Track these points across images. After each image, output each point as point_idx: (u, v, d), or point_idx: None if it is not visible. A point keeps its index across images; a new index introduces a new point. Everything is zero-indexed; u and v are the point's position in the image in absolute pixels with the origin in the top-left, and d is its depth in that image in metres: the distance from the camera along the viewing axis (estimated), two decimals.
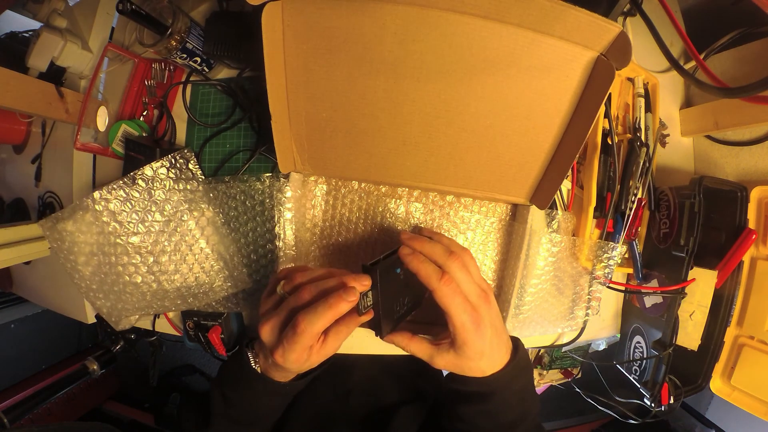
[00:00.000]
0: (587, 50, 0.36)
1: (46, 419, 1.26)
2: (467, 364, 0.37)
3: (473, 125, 0.42)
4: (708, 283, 0.49)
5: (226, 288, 0.52)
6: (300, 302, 0.35)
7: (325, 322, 0.33)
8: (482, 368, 0.37)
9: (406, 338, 0.39)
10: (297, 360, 0.34)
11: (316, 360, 0.36)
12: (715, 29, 0.55)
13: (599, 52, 0.36)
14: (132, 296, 0.50)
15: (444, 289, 0.34)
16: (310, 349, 0.35)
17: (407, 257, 0.36)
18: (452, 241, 0.39)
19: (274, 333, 0.35)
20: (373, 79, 0.40)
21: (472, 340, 0.35)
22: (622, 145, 0.53)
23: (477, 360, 0.36)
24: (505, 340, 0.39)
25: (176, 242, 0.50)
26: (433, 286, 0.34)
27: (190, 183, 0.50)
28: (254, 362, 0.40)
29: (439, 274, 0.35)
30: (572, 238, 0.52)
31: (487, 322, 0.36)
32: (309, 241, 0.51)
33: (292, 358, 0.34)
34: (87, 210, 0.47)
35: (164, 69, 0.58)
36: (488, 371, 0.37)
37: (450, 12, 0.34)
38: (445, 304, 0.34)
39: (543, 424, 0.44)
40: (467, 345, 0.35)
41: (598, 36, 0.35)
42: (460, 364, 0.37)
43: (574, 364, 0.74)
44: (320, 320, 0.33)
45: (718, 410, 1.00)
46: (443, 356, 0.38)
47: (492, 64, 0.37)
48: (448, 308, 0.34)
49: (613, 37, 0.34)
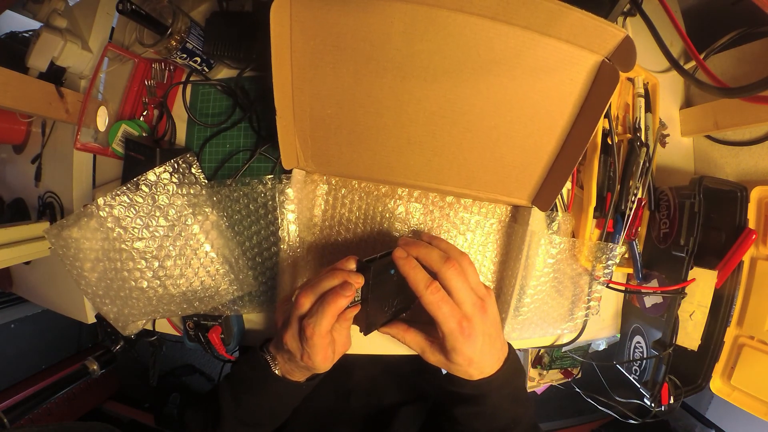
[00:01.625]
0: (592, 54, 0.36)
1: (46, 419, 1.26)
2: (454, 368, 0.37)
3: (478, 126, 0.42)
4: (708, 283, 0.49)
5: (232, 291, 0.52)
6: (302, 309, 0.36)
7: (329, 319, 0.34)
8: (470, 373, 0.37)
9: (401, 329, 0.40)
10: (324, 359, 0.36)
11: (339, 354, 0.39)
12: (715, 29, 0.54)
13: (604, 56, 0.36)
14: (138, 301, 0.50)
15: (429, 298, 0.34)
16: (331, 345, 0.37)
17: (399, 260, 0.36)
18: (451, 246, 0.39)
19: (295, 340, 0.37)
20: (379, 77, 0.40)
21: (460, 348, 0.35)
22: (622, 145, 0.53)
23: (465, 366, 0.36)
24: (498, 347, 0.39)
25: (181, 246, 0.50)
26: (420, 293, 0.34)
27: (194, 187, 0.50)
28: (274, 365, 0.41)
29: (427, 281, 0.34)
30: (572, 239, 0.52)
31: (478, 331, 0.35)
32: (310, 241, 0.52)
33: (318, 359, 0.36)
34: (91, 216, 0.47)
35: (164, 69, 0.58)
36: (476, 376, 0.37)
37: (458, 12, 0.34)
38: (432, 312, 0.34)
39: (540, 425, 0.44)
40: (456, 351, 0.35)
41: (603, 40, 0.35)
42: (449, 366, 0.38)
43: (574, 364, 0.74)
44: (323, 320, 0.34)
45: (718, 410, 0.99)
46: (434, 354, 0.38)
47: (498, 65, 0.38)
48: (435, 316, 0.34)
49: (618, 42, 0.35)
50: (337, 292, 0.34)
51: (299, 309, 0.36)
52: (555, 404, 1.39)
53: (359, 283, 0.35)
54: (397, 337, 0.40)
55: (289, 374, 0.41)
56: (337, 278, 0.35)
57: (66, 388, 0.74)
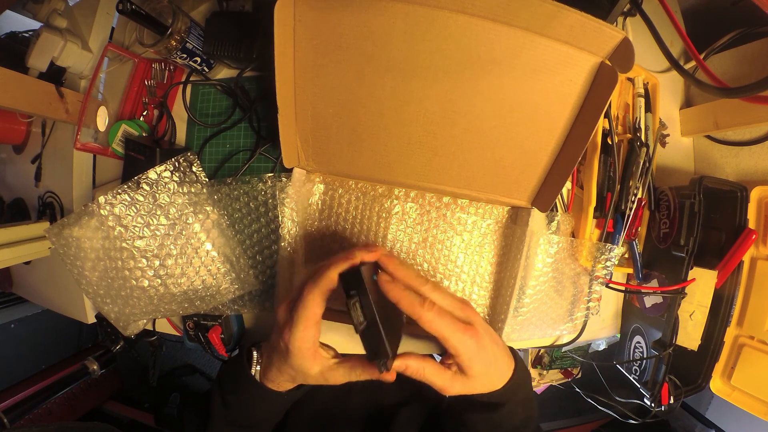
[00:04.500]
0: (591, 55, 0.37)
1: (46, 419, 1.26)
2: (479, 383, 0.35)
3: (478, 126, 0.42)
4: (708, 283, 0.49)
5: (233, 290, 0.52)
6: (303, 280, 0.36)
7: (328, 283, 0.33)
8: (493, 381, 0.36)
9: (419, 360, 0.35)
10: (302, 339, 0.34)
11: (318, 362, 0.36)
12: (715, 29, 0.54)
13: (603, 57, 0.37)
14: (139, 300, 0.50)
15: (428, 315, 0.32)
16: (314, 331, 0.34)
17: (387, 285, 0.33)
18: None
19: (286, 311, 0.36)
20: (381, 77, 0.40)
21: (477, 357, 0.34)
22: (622, 145, 0.53)
23: (487, 375, 0.35)
24: (502, 345, 0.38)
25: (182, 245, 0.50)
26: (418, 314, 0.32)
27: (194, 186, 0.50)
28: (256, 366, 0.41)
29: (421, 300, 0.33)
30: (570, 239, 0.52)
31: (482, 332, 0.35)
32: (308, 240, 0.51)
33: (298, 336, 0.34)
34: (92, 215, 0.47)
35: (164, 69, 0.58)
36: (498, 382, 0.36)
37: (459, 13, 0.35)
38: (436, 330, 0.32)
39: (541, 426, 0.44)
40: (474, 362, 0.34)
41: (602, 41, 0.35)
42: (473, 384, 0.35)
43: (574, 364, 0.74)
44: (322, 280, 0.33)
45: (718, 410, 0.99)
46: (455, 383, 0.35)
47: (498, 65, 0.38)
48: (441, 332, 0.32)
49: (616, 43, 0.35)
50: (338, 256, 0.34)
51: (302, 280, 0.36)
52: (555, 404, 1.39)
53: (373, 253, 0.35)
54: (417, 373, 0.35)
55: (268, 377, 0.40)
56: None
57: (66, 388, 0.74)
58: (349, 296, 0.32)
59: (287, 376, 0.39)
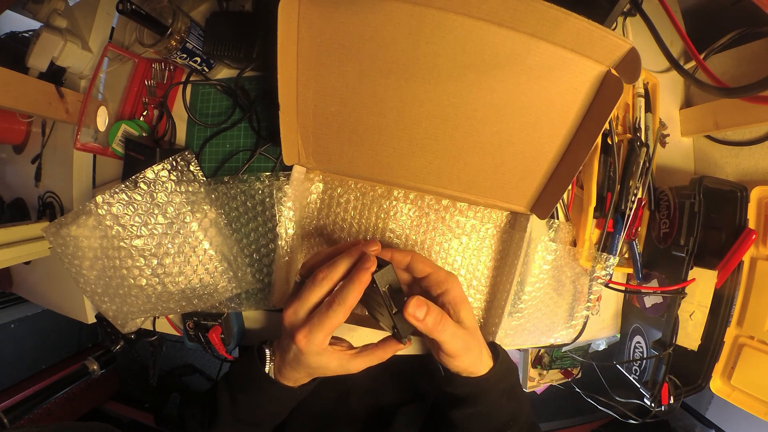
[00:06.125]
0: (597, 64, 0.36)
1: (45, 419, 1.26)
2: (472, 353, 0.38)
3: (480, 130, 0.42)
4: (708, 283, 0.49)
5: (230, 289, 0.52)
6: (316, 282, 0.35)
7: (356, 294, 0.34)
8: (482, 359, 0.39)
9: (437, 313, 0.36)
10: (320, 344, 0.35)
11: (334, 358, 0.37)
12: (715, 29, 0.54)
13: (609, 66, 0.36)
14: (137, 299, 0.50)
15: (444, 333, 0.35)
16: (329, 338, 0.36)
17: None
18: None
19: (297, 314, 0.36)
20: (384, 77, 0.40)
21: (464, 309, 0.37)
22: (622, 145, 0.53)
23: (478, 349, 0.38)
24: (478, 336, 0.39)
25: (179, 244, 0.50)
26: (439, 338, 0.35)
27: (192, 185, 0.50)
28: (269, 363, 0.41)
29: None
30: (567, 246, 0.52)
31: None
32: (307, 238, 0.52)
33: (317, 341, 0.34)
34: (90, 214, 0.47)
35: (164, 69, 0.58)
36: (483, 367, 0.38)
37: (464, 16, 0.35)
38: (443, 341, 0.36)
39: (539, 425, 0.44)
40: (465, 315, 0.37)
41: (609, 50, 0.35)
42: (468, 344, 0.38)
43: (574, 364, 0.74)
44: (351, 294, 0.33)
45: (718, 410, 0.99)
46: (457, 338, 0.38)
47: (502, 70, 0.38)
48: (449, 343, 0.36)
49: (624, 53, 0.34)
50: (363, 267, 0.34)
51: (314, 281, 0.35)
52: (555, 404, 1.39)
53: (376, 249, 0.36)
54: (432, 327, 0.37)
55: (282, 374, 0.40)
56: (359, 249, 0.35)
57: (66, 388, 0.74)
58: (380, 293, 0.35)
59: (304, 373, 0.39)
